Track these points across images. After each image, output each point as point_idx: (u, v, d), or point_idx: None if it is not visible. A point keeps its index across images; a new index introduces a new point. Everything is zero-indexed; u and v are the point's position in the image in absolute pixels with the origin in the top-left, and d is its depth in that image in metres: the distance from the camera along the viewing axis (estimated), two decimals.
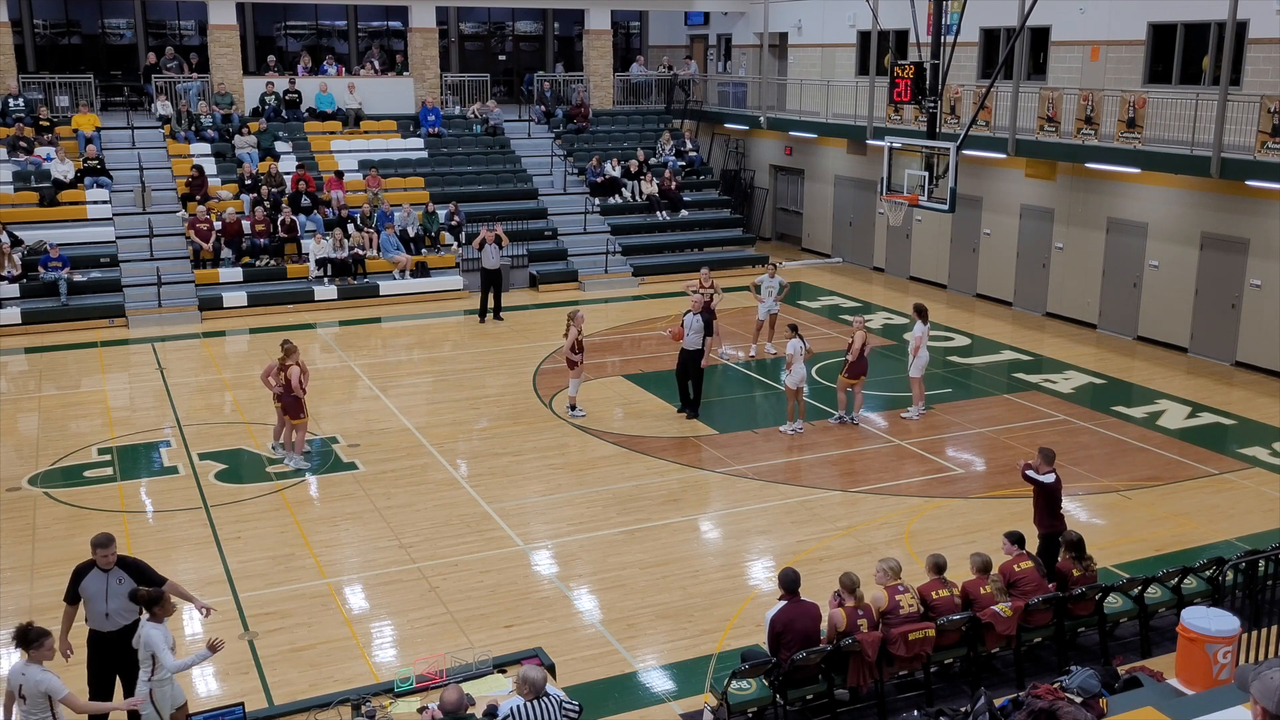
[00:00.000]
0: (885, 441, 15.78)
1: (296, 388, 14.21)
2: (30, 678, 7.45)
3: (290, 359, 14.34)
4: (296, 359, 14.42)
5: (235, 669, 9.78)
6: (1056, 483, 10.98)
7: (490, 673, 8.28)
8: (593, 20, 31.43)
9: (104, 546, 8.44)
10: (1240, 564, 10.07)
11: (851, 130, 26.26)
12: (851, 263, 28.86)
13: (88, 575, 8.49)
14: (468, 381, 18.53)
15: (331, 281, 23.57)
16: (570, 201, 27.91)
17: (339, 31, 34.87)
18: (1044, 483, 10.94)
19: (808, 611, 8.85)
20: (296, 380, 14.22)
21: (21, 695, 7.48)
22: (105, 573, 8.47)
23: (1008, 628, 9.42)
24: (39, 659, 7.52)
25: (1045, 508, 11.02)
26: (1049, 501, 10.99)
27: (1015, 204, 23.74)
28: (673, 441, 15.66)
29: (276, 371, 14.36)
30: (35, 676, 7.44)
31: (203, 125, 26.57)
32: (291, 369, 14.23)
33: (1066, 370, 19.27)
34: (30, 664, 7.51)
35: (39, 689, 7.41)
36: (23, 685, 7.45)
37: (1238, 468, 14.81)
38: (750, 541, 12.65)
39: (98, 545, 8.47)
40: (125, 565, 8.61)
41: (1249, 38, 19.19)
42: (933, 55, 17.90)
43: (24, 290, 21.72)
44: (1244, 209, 19.08)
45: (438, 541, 12.39)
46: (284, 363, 14.31)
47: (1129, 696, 7.38)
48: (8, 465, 14.60)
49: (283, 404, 14.44)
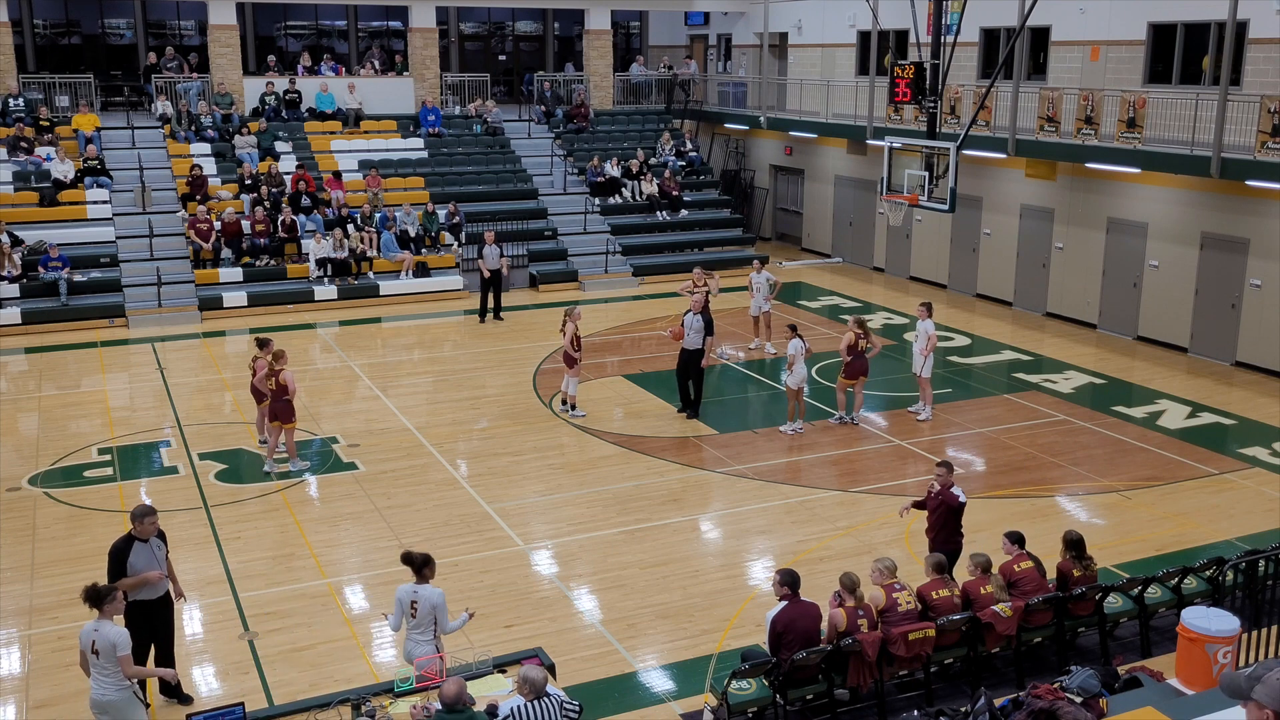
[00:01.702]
0: (885, 441, 15.78)
1: (293, 391, 14.12)
2: (103, 634, 7.86)
3: (280, 362, 14.17)
4: (285, 362, 14.29)
5: (235, 669, 9.78)
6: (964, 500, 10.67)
7: (490, 673, 8.28)
8: (593, 20, 31.44)
9: (148, 515, 8.87)
10: (1240, 564, 10.07)
11: (851, 130, 26.26)
12: (851, 263, 28.86)
13: (131, 550, 8.82)
14: (468, 381, 18.53)
15: (331, 281, 23.58)
16: (570, 201, 27.91)
17: (339, 31, 34.88)
18: (962, 503, 10.58)
19: (808, 611, 8.85)
20: (292, 384, 14.11)
21: (95, 651, 7.86)
22: (145, 543, 8.86)
23: (1008, 628, 9.42)
24: (110, 614, 7.94)
25: (954, 526, 10.60)
26: (956, 519, 10.59)
27: (1015, 204, 23.74)
28: (673, 441, 15.67)
29: (265, 376, 14.25)
30: (107, 632, 7.87)
31: (203, 125, 26.57)
32: (284, 372, 14.14)
33: (1066, 370, 19.27)
34: (103, 620, 7.90)
35: (110, 643, 7.82)
36: (95, 641, 7.84)
37: (1238, 468, 14.81)
38: (750, 541, 12.65)
39: (142, 515, 8.85)
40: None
41: (1249, 38, 19.18)
42: (933, 55, 17.91)
43: (24, 290, 21.73)
44: (1244, 209, 19.09)
45: (438, 541, 12.38)
46: (274, 366, 14.15)
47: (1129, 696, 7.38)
48: (8, 465, 14.60)
49: (274, 408, 14.20)
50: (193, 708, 8.99)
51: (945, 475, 10.63)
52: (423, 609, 8.42)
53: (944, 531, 10.58)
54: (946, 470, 10.68)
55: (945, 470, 10.68)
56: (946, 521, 10.59)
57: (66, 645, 10.16)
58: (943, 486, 10.58)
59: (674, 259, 27.16)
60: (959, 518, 10.63)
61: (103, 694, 7.93)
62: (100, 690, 7.93)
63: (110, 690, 7.92)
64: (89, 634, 7.88)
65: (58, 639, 10.29)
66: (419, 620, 8.44)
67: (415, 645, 8.44)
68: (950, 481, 10.62)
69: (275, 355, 14.24)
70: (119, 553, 8.81)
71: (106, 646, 7.81)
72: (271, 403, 14.22)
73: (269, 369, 14.15)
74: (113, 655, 7.81)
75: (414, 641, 8.47)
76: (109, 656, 7.83)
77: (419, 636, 8.45)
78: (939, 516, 10.61)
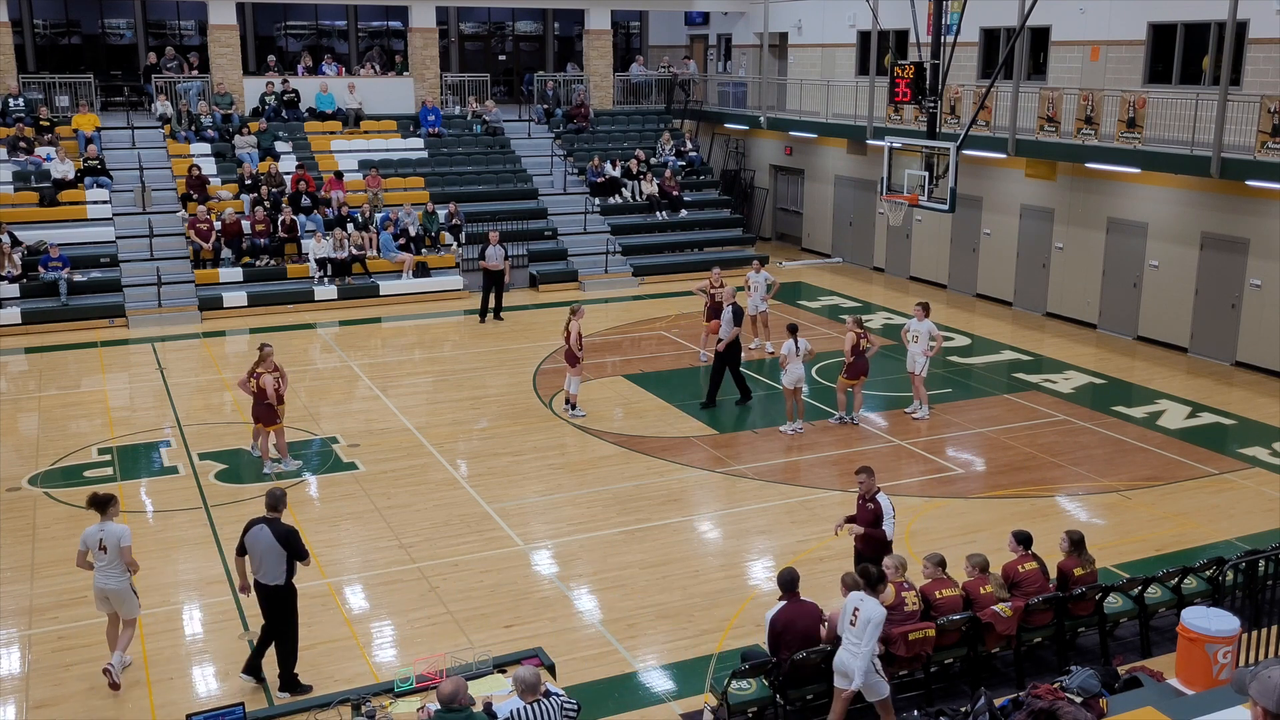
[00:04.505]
0: (885, 441, 15.78)
1: (273, 395, 14.07)
2: (109, 531, 9.27)
3: (263, 365, 14.13)
4: (271, 365, 14.26)
5: (235, 669, 9.77)
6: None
7: (490, 673, 8.28)
8: (593, 20, 31.44)
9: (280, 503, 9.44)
10: (1240, 564, 10.07)
11: (851, 130, 26.26)
12: (851, 263, 28.86)
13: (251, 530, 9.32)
14: (468, 381, 18.53)
15: (331, 281, 23.58)
16: (570, 201, 27.91)
17: (339, 31, 34.87)
18: (887, 512, 10.33)
19: (808, 611, 8.85)
20: (273, 388, 14.07)
21: (103, 547, 9.24)
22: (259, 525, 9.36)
23: (1008, 628, 9.42)
24: (111, 516, 9.37)
25: (879, 542, 10.31)
26: (878, 518, 10.38)
27: (1015, 204, 23.74)
28: (673, 441, 15.67)
29: (246, 379, 14.23)
30: (113, 529, 9.30)
31: (203, 125, 26.57)
32: (264, 376, 14.09)
33: (1066, 370, 19.27)
34: (107, 520, 9.30)
35: (117, 536, 9.27)
36: (103, 539, 9.24)
37: (1238, 468, 14.81)
38: (750, 541, 12.64)
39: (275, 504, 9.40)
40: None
41: (1249, 38, 19.18)
42: (933, 55, 17.90)
43: (24, 290, 21.72)
44: (1244, 209, 19.08)
45: (438, 541, 12.39)
46: (255, 369, 14.11)
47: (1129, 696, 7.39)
48: (8, 465, 14.60)
49: (255, 410, 14.18)
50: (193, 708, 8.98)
51: (867, 481, 10.42)
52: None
53: (870, 538, 10.33)
54: (868, 475, 10.47)
55: (866, 476, 10.46)
56: (876, 525, 10.33)
57: (66, 645, 10.18)
58: (865, 492, 10.39)
59: (674, 259, 27.17)
60: (880, 523, 10.32)
61: (105, 583, 9.33)
62: (104, 580, 9.32)
63: (113, 580, 9.32)
64: (94, 534, 9.26)
65: (58, 639, 10.29)
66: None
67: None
68: (873, 487, 10.42)
69: (260, 358, 14.22)
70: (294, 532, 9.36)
71: (113, 540, 9.24)
72: (254, 405, 14.23)
73: (250, 370, 14.15)
74: (118, 547, 9.24)
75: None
76: (114, 549, 9.24)
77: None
78: (864, 524, 10.39)
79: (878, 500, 10.42)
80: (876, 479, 10.62)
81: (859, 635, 8.33)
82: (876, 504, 10.40)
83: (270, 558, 9.14)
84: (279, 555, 9.14)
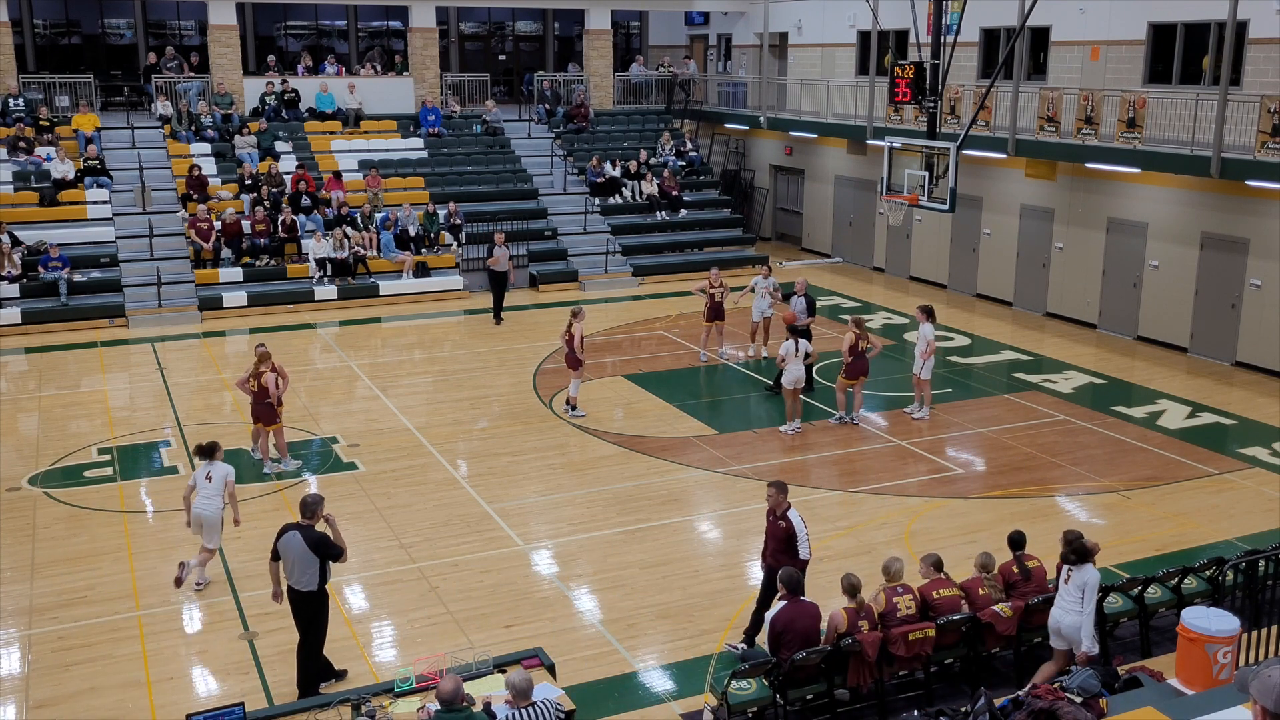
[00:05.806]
0: (885, 441, 15.78)
1: (274, 394, 14.08)
2: (217, 468, 11.02)
3: (263, 365, 14.13)
4: (270, 365, 14.24)
5: (235, 669, 9.78)
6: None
7: (490, 673, 8.28)
8: (593, 20, 31.44)
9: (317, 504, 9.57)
10: (1240, 564, 10.07)
11: (851, 130, 26.26)
12: (851, 263, 28.86)
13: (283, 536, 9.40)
14: (468, 381, 18.53)
15: (331, 281, 23.58)
16: (570, 201, 27.91)
17: (339, 31, 34.88)
18: (797, 531, 9.85)
19: (808, 611, 8.85)
20: (273, 386, 14.07)
21: (208, 478, 10.92)
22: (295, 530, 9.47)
23: (1008, 628, 9.42)
24: (218, 459, 11.06)
25: (793, 549, 9.82)
26: (792, 543, 9.83)
27: (1015, 204, 23.74)
28: (673, 441, 15.67)
29: (246, 380, 14.23)
30: (220, 467, 11.05)
31: (203, 125, 26.57)
32: (266, 374, 14.10)
33: (1066, 370, 19.27)
34: (215, 462, 11.01)
35: (224, 471, 11.04)
36: (210, 473, 10.95)
37: (1238, 468, 14.81)
38: (750, 541, 12.61)
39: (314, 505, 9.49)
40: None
41: (1249, 38, 19.18)
42: (933, 55, 17.90)
43: (24, 290, 21.73)
44: (1244, 209, 19.08)
45: (438, 541, 12.39)
46: (257, 369, 14.11)
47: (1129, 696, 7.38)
48: (8, 465, 14.60)
49: (256, 410, 14.19)
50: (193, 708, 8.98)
51: (775, 495, 9.92)
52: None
53: (785, 555, 9.80)
54: (778, 490, 9.94)
55: (776, 490, 9.94)
56: (789, 545, 9.83)
57: (66, 645, 10.18)
58: (774, 508, 9.95)
59: (674, 259, 27.16)
60: (794, 542, 9.82)
61: (203, 509, 10.91)
62: (201, 506, 10.90)
63: (209, 508, 10.91)
64: (203, 470, 10.96)
65: (58, 639, 10.29)
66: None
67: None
68: (783, 503, 9.90)
69: (260, 357, 14.22)
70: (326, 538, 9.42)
71: (220, 474, 10.96)
72: (254, 405, 14.23)
73: (252, 370, 14.15)
74: (224, 479, 10.98)
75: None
76: (220, 481, 10.95)
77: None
78: (778, 541, 9.90)
79: (789, 518, 9.82)
80: (789, 495, 10.02)
81: (1074, 596, 8.85)
82: (788, 521, 9.81)
83: (302, 563, 9.09)
84: (310, 561, 9.10)
